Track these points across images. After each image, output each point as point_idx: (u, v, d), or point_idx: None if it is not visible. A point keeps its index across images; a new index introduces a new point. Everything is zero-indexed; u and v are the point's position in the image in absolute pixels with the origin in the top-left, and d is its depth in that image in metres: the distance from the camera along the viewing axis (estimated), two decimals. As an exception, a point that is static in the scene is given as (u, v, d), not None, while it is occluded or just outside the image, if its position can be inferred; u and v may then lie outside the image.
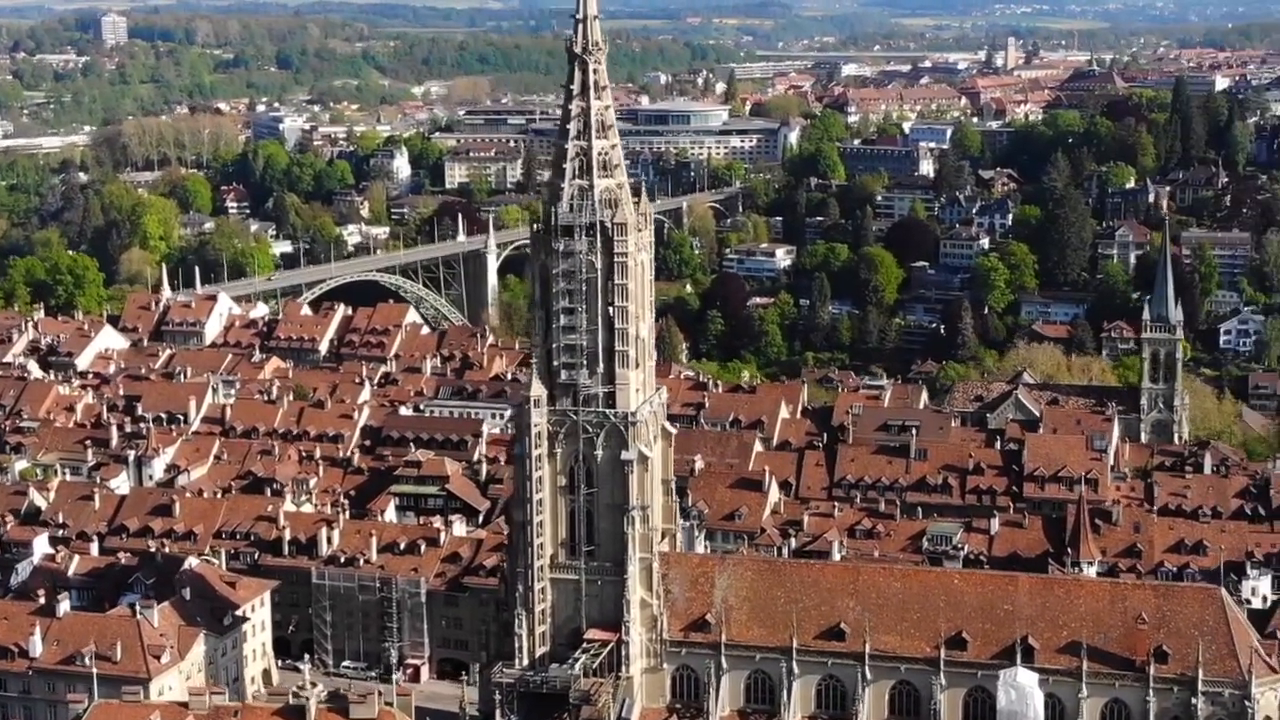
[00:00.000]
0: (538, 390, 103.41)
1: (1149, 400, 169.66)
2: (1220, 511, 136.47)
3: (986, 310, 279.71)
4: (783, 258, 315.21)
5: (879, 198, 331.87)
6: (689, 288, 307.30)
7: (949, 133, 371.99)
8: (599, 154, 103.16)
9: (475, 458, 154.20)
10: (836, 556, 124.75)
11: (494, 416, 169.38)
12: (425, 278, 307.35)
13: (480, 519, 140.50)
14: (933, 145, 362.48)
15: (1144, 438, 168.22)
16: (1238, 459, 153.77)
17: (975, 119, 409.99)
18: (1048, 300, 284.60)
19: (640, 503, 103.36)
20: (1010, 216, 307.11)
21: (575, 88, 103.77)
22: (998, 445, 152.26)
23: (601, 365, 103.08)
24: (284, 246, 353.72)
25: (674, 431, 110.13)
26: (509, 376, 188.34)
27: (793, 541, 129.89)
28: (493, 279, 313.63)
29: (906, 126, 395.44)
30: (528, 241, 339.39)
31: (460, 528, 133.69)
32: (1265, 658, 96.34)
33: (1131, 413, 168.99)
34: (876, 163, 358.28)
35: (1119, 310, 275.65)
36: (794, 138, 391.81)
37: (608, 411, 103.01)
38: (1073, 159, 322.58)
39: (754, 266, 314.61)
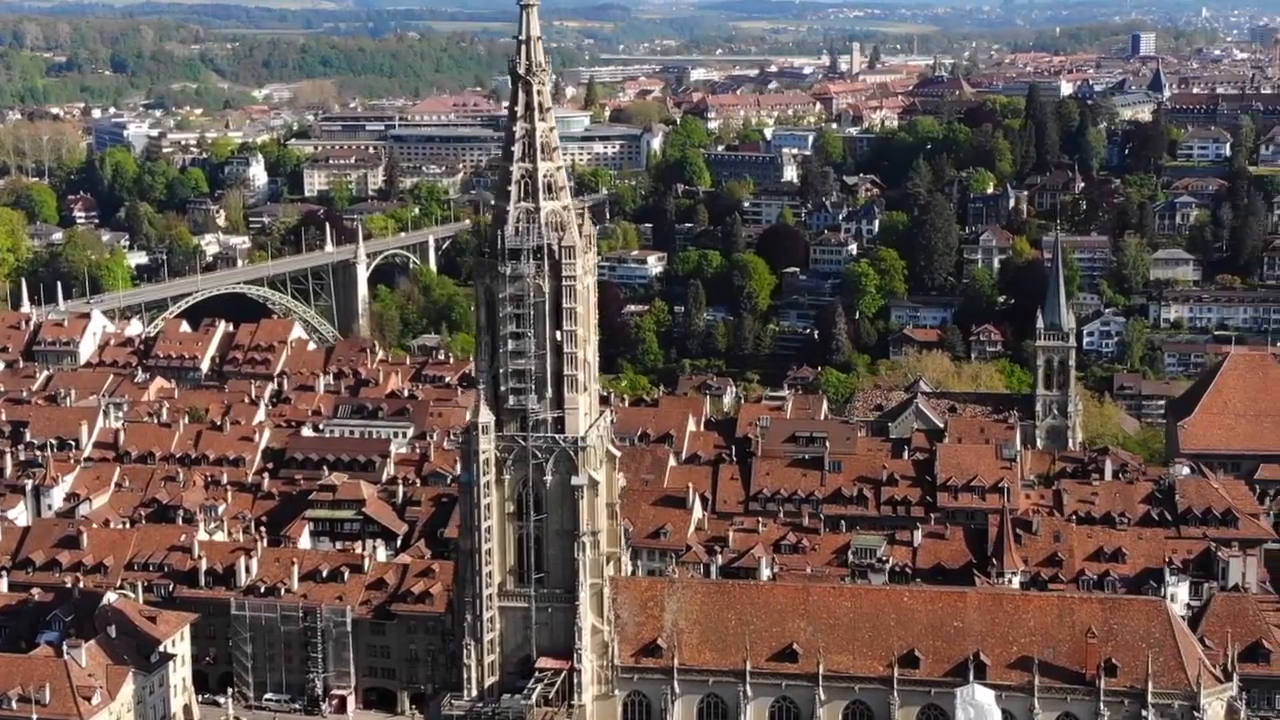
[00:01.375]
0: (485, 416, 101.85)
1: (1043, 406, 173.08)
2: (1128, 517, 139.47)
3: (858, 315, 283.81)
4: (654, 265, 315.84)
5: (746, 204, 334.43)
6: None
7: (810, 139, 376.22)
8: (544, 176, 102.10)
9: (384, 478, 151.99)
10: (765, 572, 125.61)
11: (399, 435, 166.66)
12: (294, 289, 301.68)
13: (399, 542, 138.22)
14: (795, 151, 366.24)
15: (1039, 444, 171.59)
16: (1137, 464, 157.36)
17: (834, 125, 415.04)
18: (917, 305, 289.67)
19: (591, 528, 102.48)
20: (877, 222, 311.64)
21: (519, 109, 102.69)
22: (905, 455, 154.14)
23: (550, 390, 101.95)
24: (139, 258, 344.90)
25: (619, 454, 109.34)
26: (405, 393, 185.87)
27: (719, 558, 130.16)
28: (363, 289, 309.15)
29: (768, 133, 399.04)
30: (399, 251, 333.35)
31: (383, 553, 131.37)
32: (1211, 668, 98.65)
33: (1026, 419, 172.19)
34: (741, 169, 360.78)
35: (986, 314, 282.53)
36: (657, 144, 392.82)
37: (557, 437, 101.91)
38: (934, 165, 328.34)
39: (626, 274, 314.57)
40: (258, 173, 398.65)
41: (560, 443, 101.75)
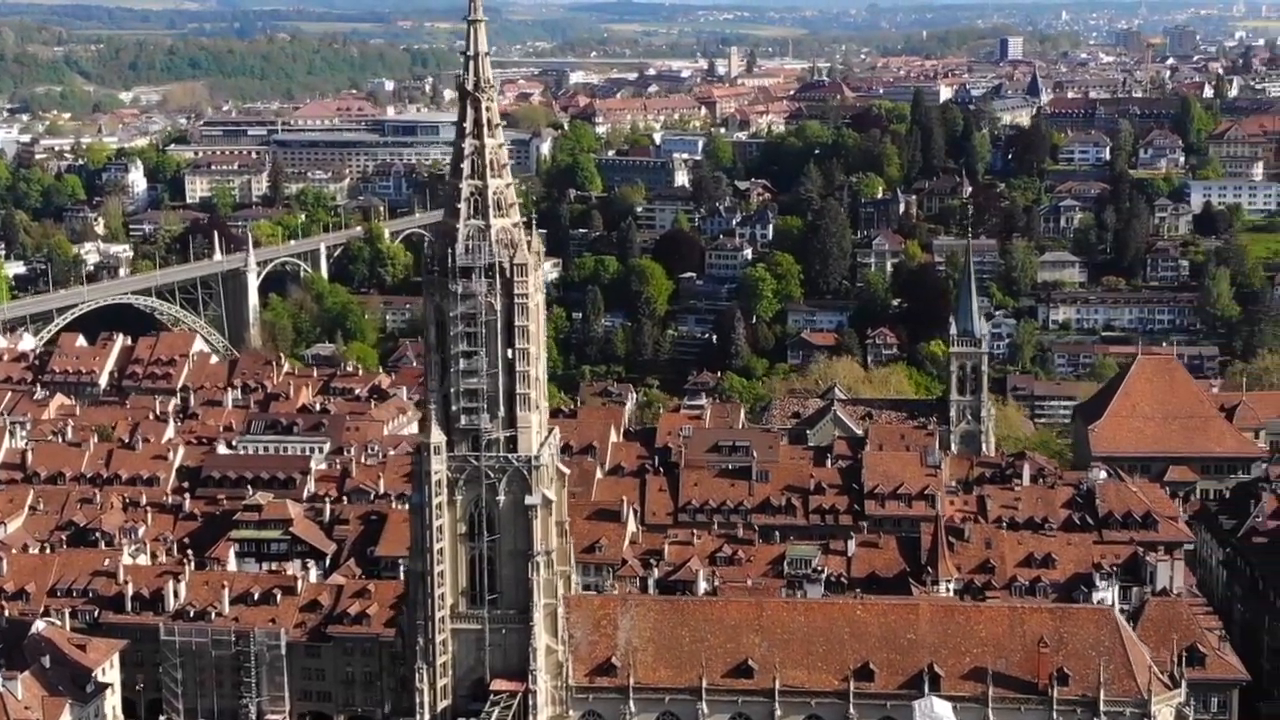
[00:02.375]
0: (437, 437, 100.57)
1: (957, 412, 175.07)
2: (1051, 522, 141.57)
3: (755, 320, 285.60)
4: (549, 270, 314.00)
5: (640, 209, 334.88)
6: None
7: (700, 144, 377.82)
8: (494, 193, 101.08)
9: (305, 495, 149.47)
10: (702, 585, 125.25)
11: (315, 451, 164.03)
12: (182, 299, 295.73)
13: (328, 562, 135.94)
14: (686, 156, 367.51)
15: (953, 449, 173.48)
16: (1053, 468, 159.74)
17: (722, 130, 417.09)
18: (813, 309, 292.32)
19: (545, 547, 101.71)
20: (771, 227, 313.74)
21: (468, 126, 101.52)
22: (829, 463, 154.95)
23: (502, 409, 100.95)
24: (17, 268, 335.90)
25: (568, 472, 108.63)
26: (317, 407, 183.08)
27: (655, 572, 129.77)
28: (254, 299, 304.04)
29: (657, 137, 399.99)
30: (290, 259, 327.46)
31: (314, 573, 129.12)
32: (1159, 675, 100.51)
33: (940, 424, 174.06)
34: (632, 174, 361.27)
35: (881, 317, 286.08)
36: (546, 149, 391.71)
37: (510, 456, 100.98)
38: (824, 170, 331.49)
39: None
40: (137, 179, 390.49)
41: (514, 462, 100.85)
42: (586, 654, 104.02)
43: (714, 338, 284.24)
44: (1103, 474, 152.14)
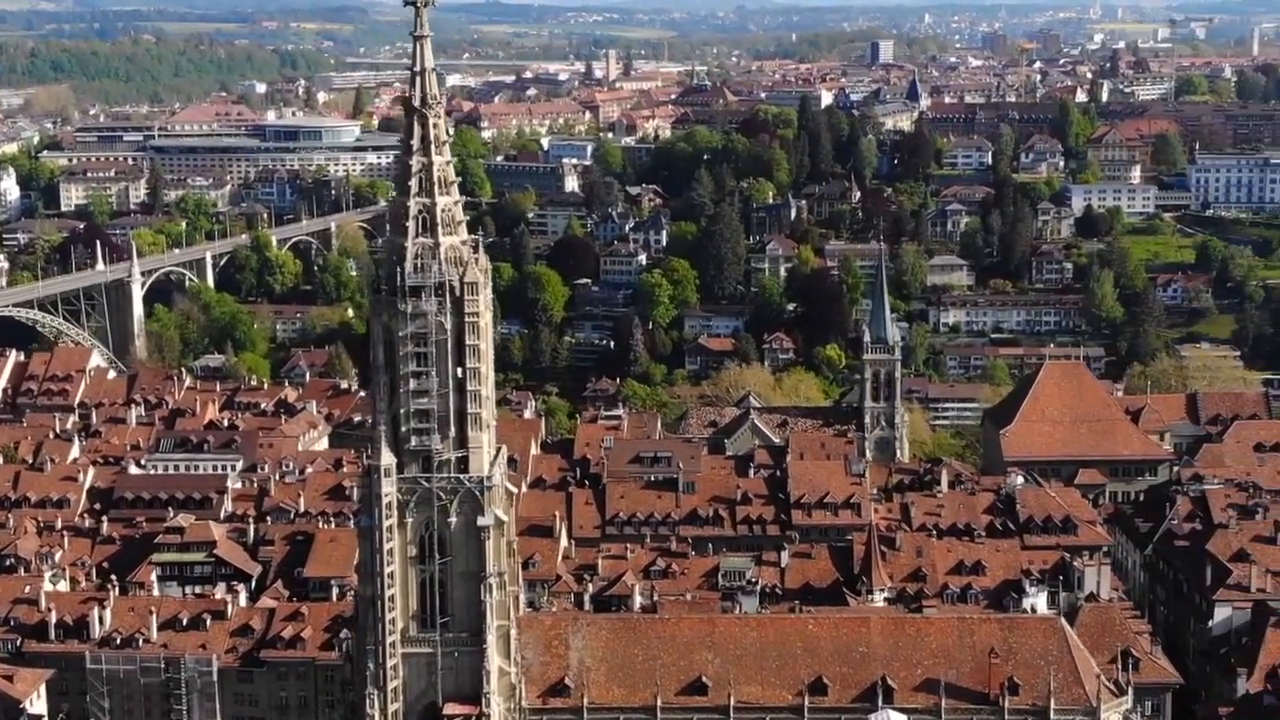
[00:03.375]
0: (387, 459, 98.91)
1: (872, 419, 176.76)
2: (973, 528, 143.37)
3: (652, 325, 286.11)
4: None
5: (531, 215, 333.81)
6: (351, 312, 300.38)
7: (589, 149, 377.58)
8: (443, 210, 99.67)
9: (222, 515, 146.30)
10: (638, 600, 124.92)
11: (228, 469, 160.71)
12: (65, 311, 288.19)
13: (253, 584, 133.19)
14: (575, 162, 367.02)
15: (868, 456, 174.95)
16: (969, 473, 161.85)
17: (610, 135, 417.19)
18: (709, 314, 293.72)
19: (498, 568, 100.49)
20: (665, 233, 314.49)
21: (415, 143, 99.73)
22: (751, 473, 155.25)
23: (453, 429, 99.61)
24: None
25: (515, 491, 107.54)
26: (225, 423, 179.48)
27: (590, 587, 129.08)
28: (139, 309, 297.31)
29: (544, 142, 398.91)
30: (174, 268, 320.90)
31: (242, 597, 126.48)
32: (1107, 683, 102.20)
33: (856, 431, 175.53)
34: (522, 179, 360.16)
35: (776, 322, 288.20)
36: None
37: (462, 477, 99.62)
38: (714, 175, 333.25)
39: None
40: (9, 186, 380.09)
41: (466, 483, 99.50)
42: (539, 675, 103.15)
43: (612, 344, 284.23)
44: (1020, 479, 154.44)
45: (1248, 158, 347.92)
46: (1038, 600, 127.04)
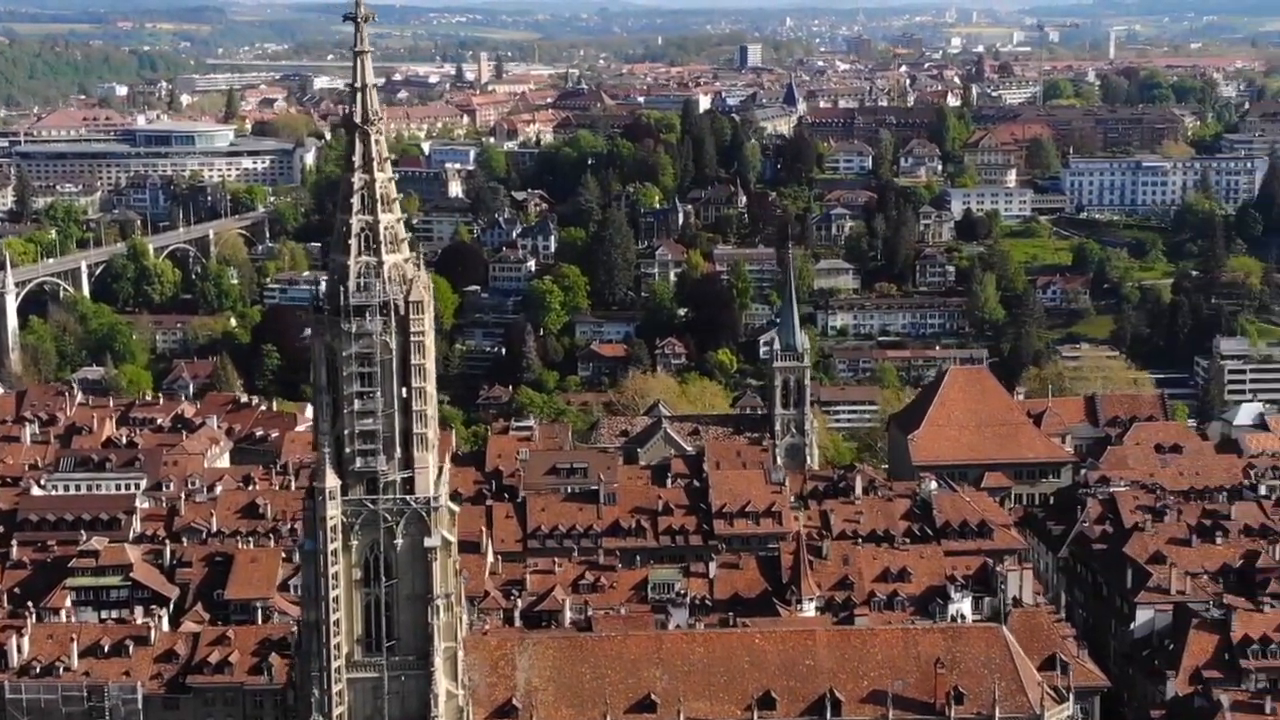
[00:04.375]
0: (332, 481, 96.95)
1: (782, 426, 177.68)
2: (892, 534, 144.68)
3: (543, 332, 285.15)
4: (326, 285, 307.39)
5: (416, 221, 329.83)
6: (234, 322, 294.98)
7: (471, 154, 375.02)
8: (386, 228, 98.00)
9: (130, 536, 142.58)
10: (568, 615, 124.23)
11: (135, 488, 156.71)
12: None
13: (171, 607, 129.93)
14: (458, 167, 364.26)
15: (779, 462, 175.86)
16: (881, 479, 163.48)
17: (491, 139, 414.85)
18: (601, 320, 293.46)
19: (445, 590, 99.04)
20: (553, 239, 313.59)
21: (357, 160, 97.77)
22: (668, 483, 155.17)
23: (399, 450, 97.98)
24: None
25: (457, 510, 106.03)
26: (123, 440, 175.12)
27: (519, 602, 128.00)
28: (13, 321, 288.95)
29: (425, 147, 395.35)
30: (49, 278, 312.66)
31: (165, 622, 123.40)
32: (1049, 690, 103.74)
33: (767, 438, 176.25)
34: (404, 185, 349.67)
35: (668, 327, 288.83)
36: (310, 158, 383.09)
37: (408, 498, 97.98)
38: (600, 180, 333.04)
39: (299, 296, 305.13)
40: None
41: (412, 504, 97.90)
42: (486, 696, 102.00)
43: (503, 351, 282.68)
44: (934, 484, 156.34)
45: (1119, 161, 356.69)
46: (963, 606, 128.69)
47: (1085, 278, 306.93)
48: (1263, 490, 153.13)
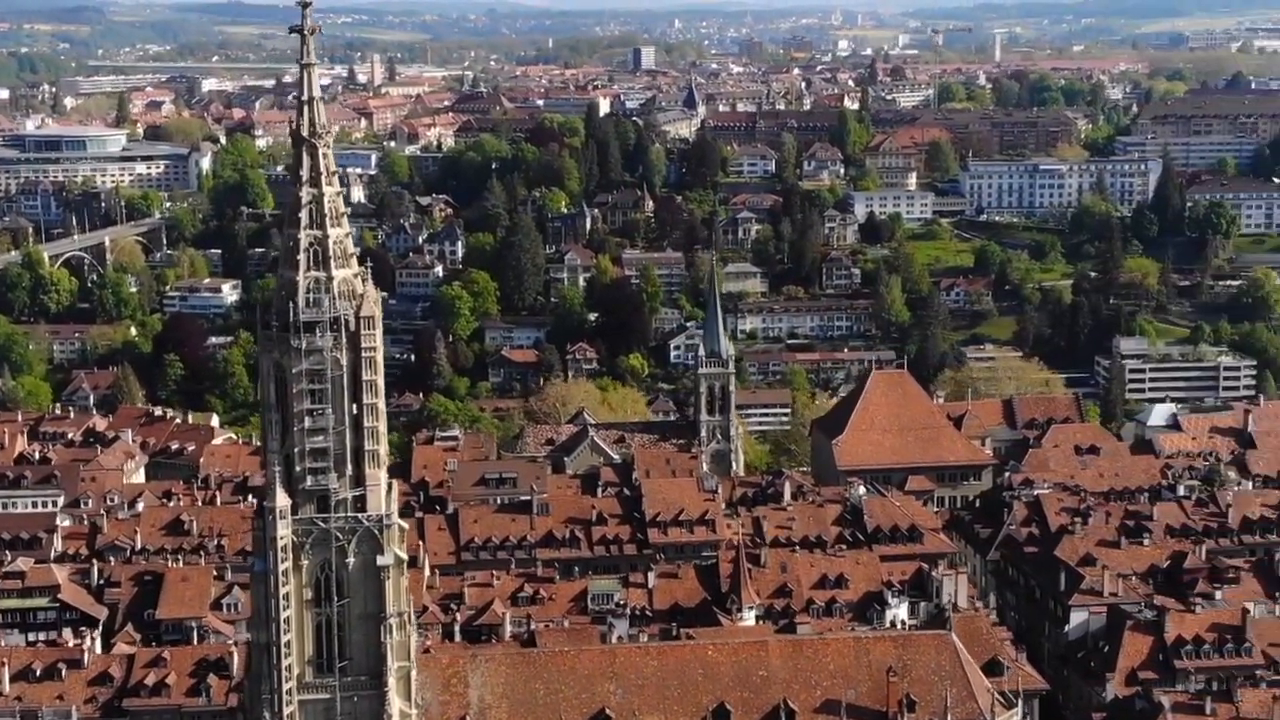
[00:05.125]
0: (282, 501, 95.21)
1: (708, 432, 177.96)
2: (824, 540, 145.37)
3: (453, 338, 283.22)
4: (230, 293, 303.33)
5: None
6: (134, 331, 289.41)
7: (373, 158, 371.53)
8: (335, 243, 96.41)
9: (52, 555, 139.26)
10: (508, 628, 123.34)
11: (52, 505, 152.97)
12: None
13: (100, 629, 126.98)
14: (360, 171, 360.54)
15: (705, 469, 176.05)
16: (809, 484, 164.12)
17: (391, 143, 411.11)
18: (510, 325, 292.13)
19: (397, 609, 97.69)
20: (460, 244, 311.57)
21: (305, 174, 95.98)
22: (598, 492, 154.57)
23: (350, 467, 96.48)
24: None
25: (406, 527, 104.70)
26: (36, 456, 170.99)
27: (459, 616, 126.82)
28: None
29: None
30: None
31: (97, 643, 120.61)
32: (998, 695, 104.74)
33: (693, 444, 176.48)
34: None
35: (579, 332, 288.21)
36: (206, 163, 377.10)
37: (361, 516, 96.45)
38: (506, 185, 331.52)
39: (200, 304, 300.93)
40: None
41: (364, 522, 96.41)
42: (439, 715, 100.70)
43: (413, 358, 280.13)
44: (863, 489, 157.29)
45: (1017, 164, 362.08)
46: (899, 611, 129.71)
47: (988, 279, 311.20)
48: (1181, 491, 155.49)
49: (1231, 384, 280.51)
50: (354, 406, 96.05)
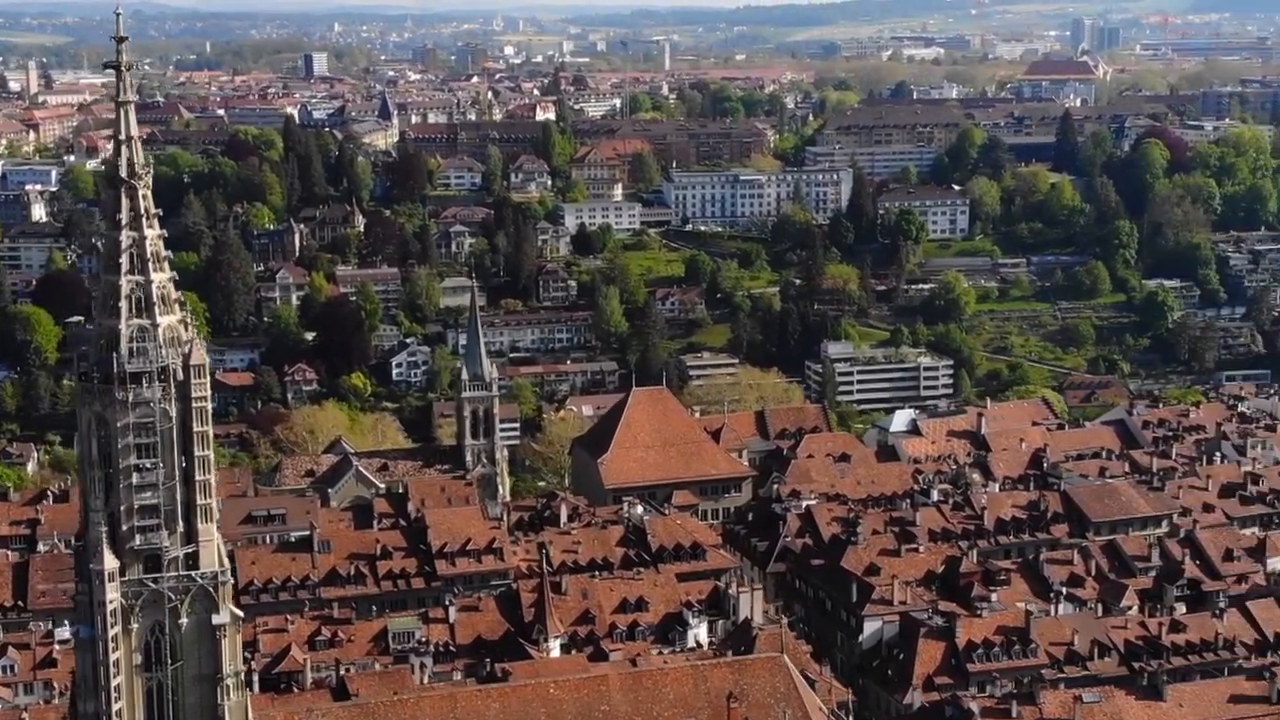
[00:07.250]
0: (110, 563, 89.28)
1: (473, 456, 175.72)
2: (610, 561, 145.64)
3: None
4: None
5: (2, 250, 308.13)
6: None
7: (54, 174, 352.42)
8: (159, 288, 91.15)
9: None
10: (309, 675, 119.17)
11: None
12: None
13: None
14: (40, 188, 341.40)
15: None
16: (584, 505, 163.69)
17: (71, 157, 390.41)
18: (222, 348, 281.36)
19: (234, 669, 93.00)
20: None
21: (124, 217, 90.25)
22: (374, 525, 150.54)
23: (181, 523, 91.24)
24: None
25: (231, 580, 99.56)
26: None
27: (255, 665, 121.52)
28: None
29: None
30: None
31: None
32: (829, 713, 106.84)
33: (457, 470, 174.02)
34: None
35: (295, 352, 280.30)
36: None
37: (194, 574, 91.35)
38: (204, 201, 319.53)
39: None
40: None
41: (198, 580, 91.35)
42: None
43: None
44: (640, 508, 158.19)
45: (718, 174, 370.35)
46: (699, 631, 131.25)
47: (699, 288, 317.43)
48: (935, 495, 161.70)
49: (931, 383, 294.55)
50: (184, 460, 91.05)
